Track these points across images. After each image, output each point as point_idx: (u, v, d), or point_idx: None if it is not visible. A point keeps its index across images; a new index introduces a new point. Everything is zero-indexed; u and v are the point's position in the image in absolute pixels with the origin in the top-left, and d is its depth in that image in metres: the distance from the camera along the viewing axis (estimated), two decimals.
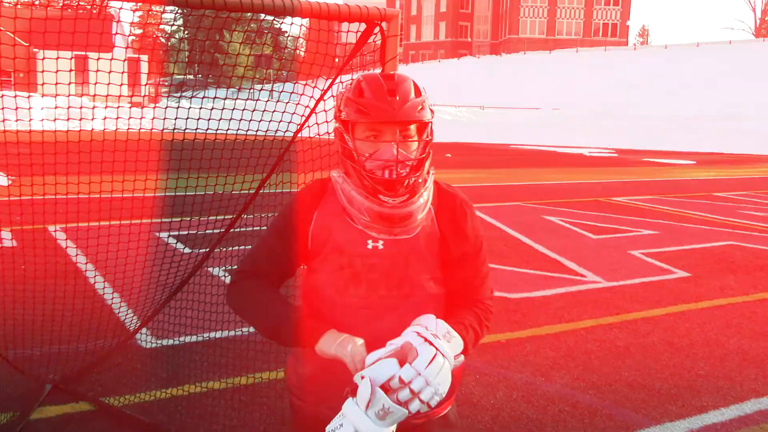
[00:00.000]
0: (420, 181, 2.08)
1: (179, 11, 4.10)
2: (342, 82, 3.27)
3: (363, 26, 3.35)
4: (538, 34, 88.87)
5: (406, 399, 1.77)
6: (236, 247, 4.43)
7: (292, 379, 2.29)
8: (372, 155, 2.03)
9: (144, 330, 5.07)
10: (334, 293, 2.14)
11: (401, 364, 1.80)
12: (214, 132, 3.98)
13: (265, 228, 2.33)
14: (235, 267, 2.33)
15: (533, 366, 5.28)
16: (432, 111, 2.12)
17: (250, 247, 4.28)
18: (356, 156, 2.05)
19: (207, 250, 4.38)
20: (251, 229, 4.28)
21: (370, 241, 2.10)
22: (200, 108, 4.04)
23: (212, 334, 5.14)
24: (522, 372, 5.15)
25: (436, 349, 1.82)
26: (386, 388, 1.78)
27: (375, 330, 2.05)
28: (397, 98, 2.01)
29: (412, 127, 2.08)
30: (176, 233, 4.54)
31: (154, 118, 3.91)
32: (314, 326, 2.04)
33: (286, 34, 3.98)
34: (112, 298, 5.34)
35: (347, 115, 2.06)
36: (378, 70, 3.20)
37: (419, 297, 2.13)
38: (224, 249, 4.47)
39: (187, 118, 4.02)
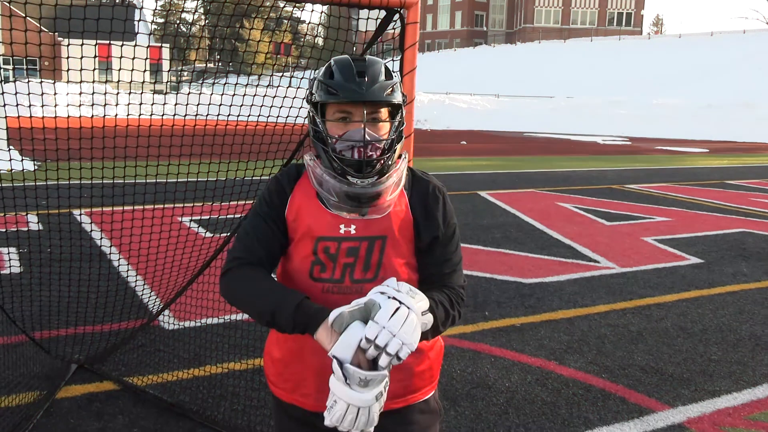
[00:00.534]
0: (390, 162, 2.06)
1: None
2: None
3: (383, 13, 3.39)
4: (553, 24, 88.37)
5: (374, 356, 1.78)
6: None
7: (269, 367, 2.29)
8: (341, 136, 2.02)
9: (167, 312, 5.17)
10: (306, 278, 2.13)
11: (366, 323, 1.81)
12: (236, 118, 4.05)
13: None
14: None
15: (547, 350, 5.35)
16: (404, 95, 2.11)
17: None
18: (326, 137, 2.03)
19: (228, 234, 4.46)
20: None
21: (342, 226, 2.09)
22: (222, 94, 4.11)
23: (233, 317, 5.23)
24: (536, 356, 5.23)
25: (399, 301, 1.82)
26: (358, 354, 1.79)
27: None
28: (366, 79, 2.00)
29: (384, 109, 2.07)
30: (198, 218, 4.61)
31: (177, 104, 3.98)
32: (314, 311, 1.94)
33: (306, 22, 4.03)
34: (136, 281, 5.45)
35: (317, 96, 2.05)
36: (398, 58, 3.26)
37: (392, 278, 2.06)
38: None
39: (209, 104, 4.09)
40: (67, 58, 3.80)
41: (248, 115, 3.98)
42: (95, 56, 3.82)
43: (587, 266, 7.92)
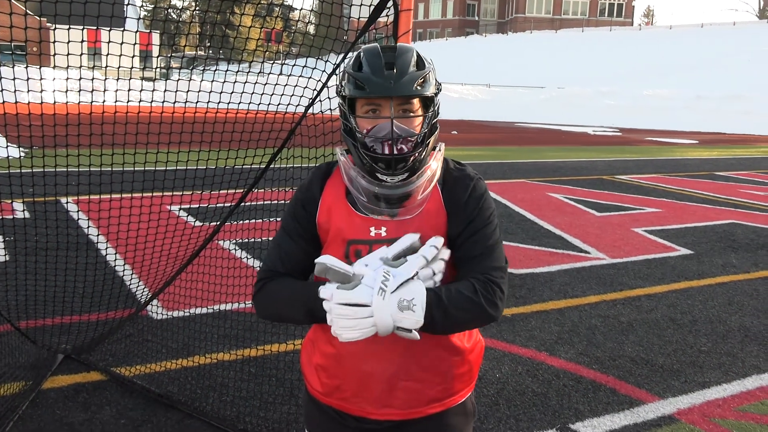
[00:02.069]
0: (422, 157, 1.96)
1: None
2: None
3: (375, 1, 3.35)
4: (545, 14, 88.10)
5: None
6: (246, 221, 4.47)
7: (307, 368, 2.22)
8: (370, 131, 1.93)
9: (155, 302, 5.12)
10: None
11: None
12: (226, 106, 4.00)
13: (275, 202, 2.24)
14: (257, 273, 2.19)
15: (538, 341, 5.34)
16: (439, 84, 2.01)
17: (260, 221, 4.33)
18: (355, 132, 1.95)
19: (218, 223, 4.42)
20: (261, 203, 4.33)
21: (372, 228, 2.00)
22: (212, 82, 4.06)
23: (222, 307, 5.19)
24: (527, 346, 5.21)
25: (370, 302, 1.77)
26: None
27: None
28: (395, 71, 1.90)
29: (416, 101, 1.96)
30: (187, 206, 4.56)
31: (166, 90, 3.92)
32: None
33: (298, 9, 3.99)
34: (123, 270, 5.40)
35: (346, 89, 1.97)
36: None
37: None
38: (234, 222, 4.51)
39: (199, 91, 4.03)
40: (54, 42, 3.73)
41: (239, 103, 3.93)
42: (83, 41, 3.75)
43: (577, 257, 7.92)
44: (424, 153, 1.96)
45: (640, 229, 9.58)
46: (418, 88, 1.92)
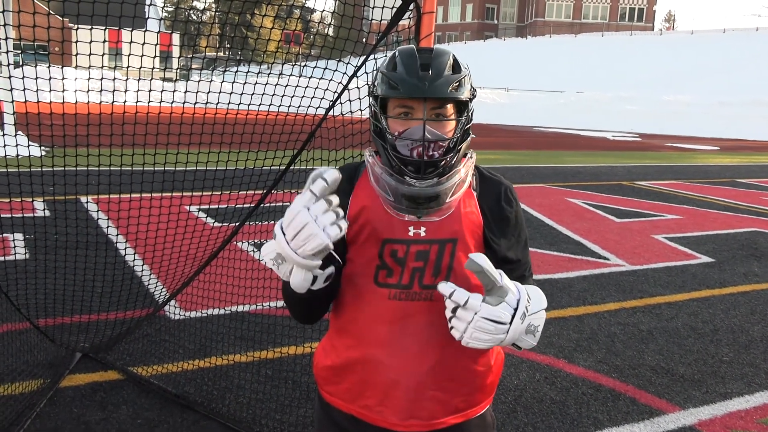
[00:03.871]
0: (453, 163, 1.91)
1: None
2: (375, 59, 3.24)
3: (397, 3, 3.33)
4: (564, 18, 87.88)
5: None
6: (265, 222, 4.45)
7: (325, 374, 2.14)
8: (401, 133, 1.88)
9: (172, 302, 5.13)
10: (370, 283, 1.99)
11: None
12: (246, 107, 3.99)
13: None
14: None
15: (556, 348, 5.29)
16: (474, 89, 1.97)
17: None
18: (386, 134, 1.90)
19: (237, 224, 4.41)
20: (281, 204, 4.31)
21: (411, 228, 1.96)
22: (232, 83, 4.05)
23: (239, 308, 5.19)
24: (545, 353, 5.17)
25: (509, 321, 1.76)
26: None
27: (414, 322, 1.97)
28: (430, 73, 1.85)
29: (449, 106, 1.92)
30: (206, 207, 4.56)
31: (186, 92, 3.91)
32: None
33: (319, 11, 3.97)
34: (142, 270, 5.41)
35: (378, 89, 1.93)
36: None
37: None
38: (253, 224, 4.50)
39: (219, 92, 4.03)
40: (76, 42, 3.74)
41: (259, 105, 3.92)
42: (105, 41, 3.76)
43: (597, 263, 7.85)
44: (455, 159, 1.92)
45: (660, 235, 9.50)
46: (453, 91, 1.88)
